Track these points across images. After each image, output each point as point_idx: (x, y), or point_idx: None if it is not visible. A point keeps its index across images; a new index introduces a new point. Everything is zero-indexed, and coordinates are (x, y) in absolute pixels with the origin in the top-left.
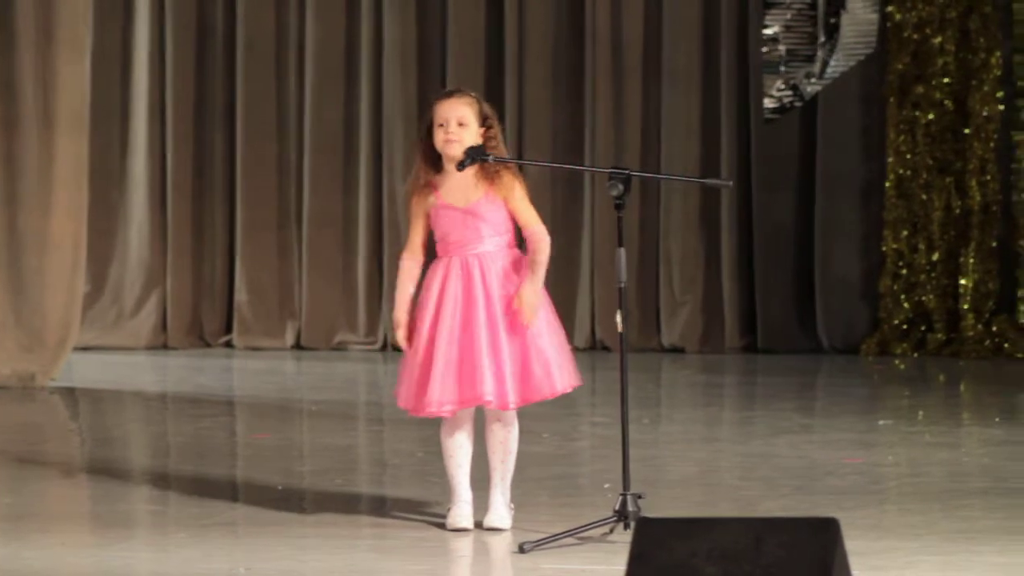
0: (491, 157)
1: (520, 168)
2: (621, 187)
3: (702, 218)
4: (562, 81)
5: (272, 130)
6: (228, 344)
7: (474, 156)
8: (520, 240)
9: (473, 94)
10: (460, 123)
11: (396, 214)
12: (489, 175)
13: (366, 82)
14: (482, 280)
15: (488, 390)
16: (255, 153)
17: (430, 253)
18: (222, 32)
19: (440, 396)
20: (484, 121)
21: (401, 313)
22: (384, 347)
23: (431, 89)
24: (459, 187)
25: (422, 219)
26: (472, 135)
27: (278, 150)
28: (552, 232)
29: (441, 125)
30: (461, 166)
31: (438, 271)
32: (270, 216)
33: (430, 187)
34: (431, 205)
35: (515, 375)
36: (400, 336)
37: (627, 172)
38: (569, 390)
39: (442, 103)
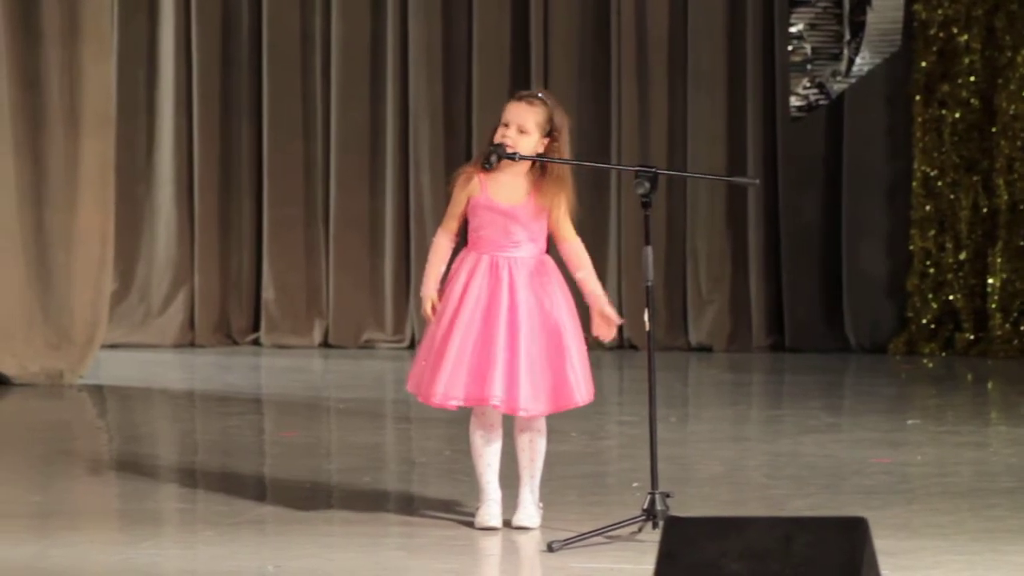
0: (516, 156)
1: (572, 187)
2: (648, 185)
3: (729, 217)
4: (587, 79)
5: (298, 128)
6: (255, 342)
7: (500, 154)
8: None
9: (549, 102)
10: (520, 130)
11: (422, 212)
12: (543, 185)
13: (392, 80)
14: (509, 283)
15: (496, 394)
16: (282, 151)
17: (463, 237)
18: (247, 29)
19: (447, 389)
20: (551, 131)
21: (431, 289)
22: (412, 345)
23: (457, 88)
24: (508, 185)
25: (463, 203)
26: (530, 143)
27: (304, 148)
28: (578, 231)
29: (505, 125)
30: (487, 164)
31: (466, 264)
32: (297, 214)
33: (480, 177)
34: (473, 194)
35: (535, 382)
36: (427, 309)
37: (654, 170)
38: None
39: (513, 104)
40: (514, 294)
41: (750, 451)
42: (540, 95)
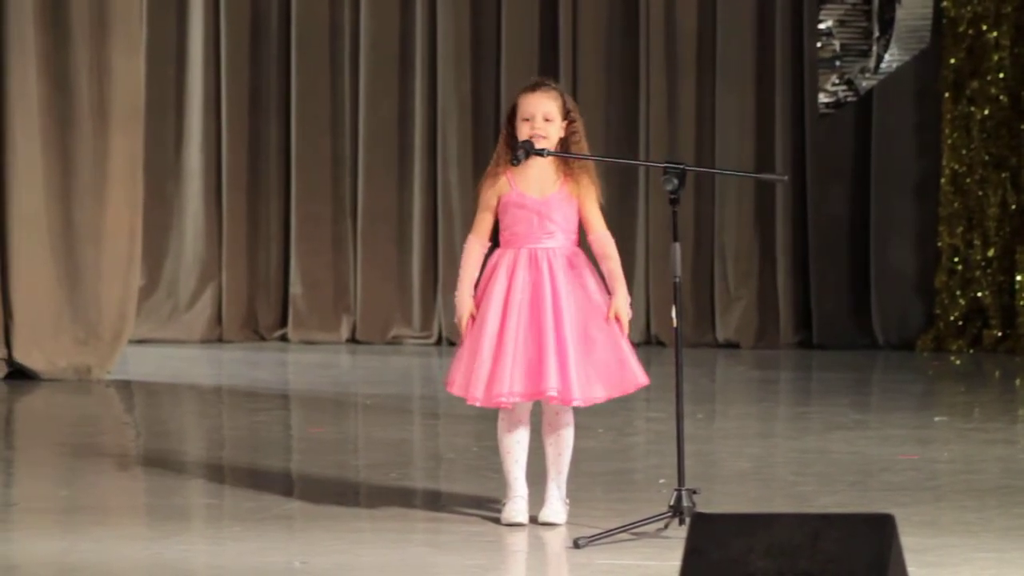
0: (544, 152)
1: (595, 170)
2: (676, 181)
3: (757, 213)
4: (616, 74)
5: (326, 124)
6: (283, 338)
7: (528, 150)
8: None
9: (556, 87)
10: (546, 119)
11: (451, 208)
12: (570, 171)
13: (420, 76)
14: (550, 275)
15: (552, 385)
16: (310, 147)
17: (494, 240)
18: (276, 25)
19: (510, 387)
20: (567, 115)
21: (466, 296)
22: (439, 341)
23: (485, 82)
24: (536, 178)
25: (494, 205)
26: (557, 129)
27: (332, 144)
28: (607, 226)
29: (527, 119)
30: (516, 160)
31: (504, 261)
32: (325, 210)
33: (508, 175)
34: (503, 192)
35: (588, 369)
36: (464, 318)
37: (682, 166)
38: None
39: (528, 97)
40: (555, 283)
41: (777, 448)
42: (547, 82)
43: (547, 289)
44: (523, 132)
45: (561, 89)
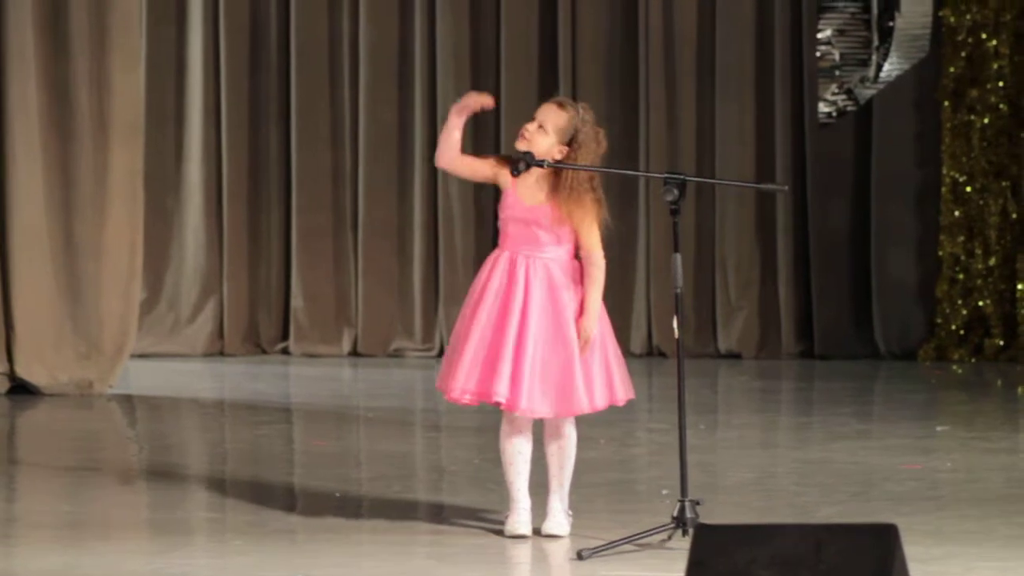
0: (545, 163)
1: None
2: (676, 192)
3: (758, 223)
4: (615, 85)
5: (327, 135)
6: (284, 351)
7: (528, 161)
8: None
9: (580, 112)
10: (540, 126)
11: (451, 219)
12: (561, 190)
13: (420, 85)
14: (525, 282)
15: (500, 391)
16: (310, 159)
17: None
18: (276, 36)
19: (464, 384)
20: (571, 142)
21: (464, 118)
22: (441, 353)
23: (486, 90)
24: (531, 186)
25: (489, 166)
26: (545, 144)
27: (332, 156)
28: (607, 237)
29: (532, 119)
30: (516, 171)
31: (489, 261)
32: (325, 222)
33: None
34: (505, 185)
35: (542, 383)
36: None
37: (682, 177)
38: (621, 404)
39: (546, 104)
40: (528, 294)
41: (780, 458)
42: (578, 104)
43: (518, 297)
44: (521, 128)
45: (583, 119)
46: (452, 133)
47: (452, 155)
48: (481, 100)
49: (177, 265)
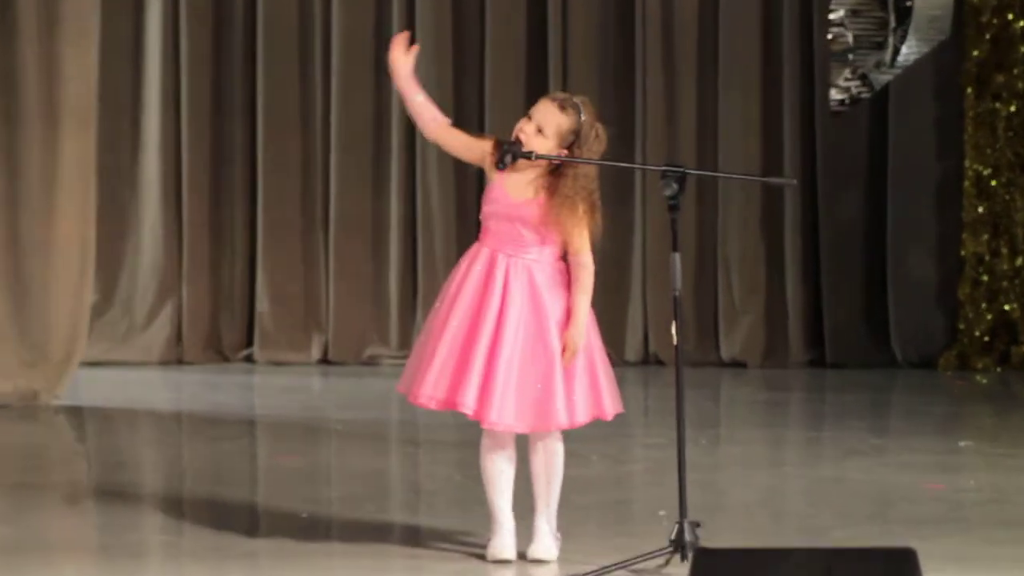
0: (533, 155)
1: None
2: (675, 186)
3: (764, 220)
4: (609, 70)
5: (296, 125)
6: (248, 358)
7: (515, 153)
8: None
9: (583, 113)
10: (539, 129)
11: (431, 216)
12: (550, 197)
13: None
14: (504, 285)
15: (467, 402)
16: (277, 150)
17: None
18: (241, 19)
19: (432, 390)
20: (572, 146)
21: (411, 62)
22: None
23: (468, 79)
24: (518, 180)
25: (477, 147)
26: (544, 149)
27: (302, 147)
28: (599, 237)
29: (528, 117)
30: (502, 164)
31: (467, 257)
32: (294, 219)
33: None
34: (492, 175)
35: (516, 394)
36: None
37: (682, 170)
38: (608, 418)
39: (544, 102)
40: (507, 296)
41: (788, 476)
42: (577, 102)
43: (495, 299)
44: (518, 127)
45: (586, 120)
46: (412, 102)
47: (434, 126)
48: (400, 54)
49: (132, 265)
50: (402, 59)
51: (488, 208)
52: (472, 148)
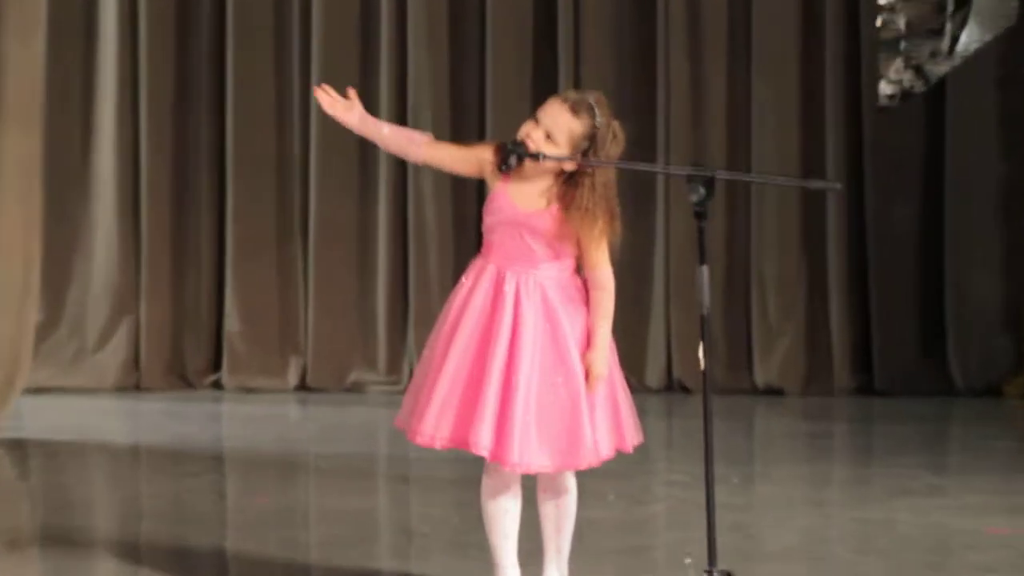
0: (541, 156)
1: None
2: (703, 191)
3: (803, 230)
4: (627, 60)
5: (270, 120)
6: (216, 385)
7: (520, 154)
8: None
9: (598, 116)
10: (548, 136)
11: (423, 224)
12: (566, 207)
13: (387, 62)
14: (515, 306)
15: (481, 441)
16: (250, 149)
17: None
18: (209, 1)
19: (435, 428)
20: (588, 151)
21: (356, 104)
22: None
23: (466, 69)
24: (527, 190)
25: (473, 159)
26: (554, 152)
27: (278, 145)
28: (617, 247)
29: (535, 120)
30: (505, 166)
31: (470, 273)
32: (268, 227)
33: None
34: (492, 181)
35: (538, 430)
36: (325, 96)
37: (710, 173)
38: (629, 450)
39: (554, 103)
40: (519, 318)
41: (832, 519)
42: (591, 102)
43: (506, 322)
44: (522, 130)
45: (602, 122)
46: (382, 139)
47: (416, 148)
48: (340, 110)
49: (83, 279)
50: (344, 112)
51: (491, 219)
52: (468, 158)
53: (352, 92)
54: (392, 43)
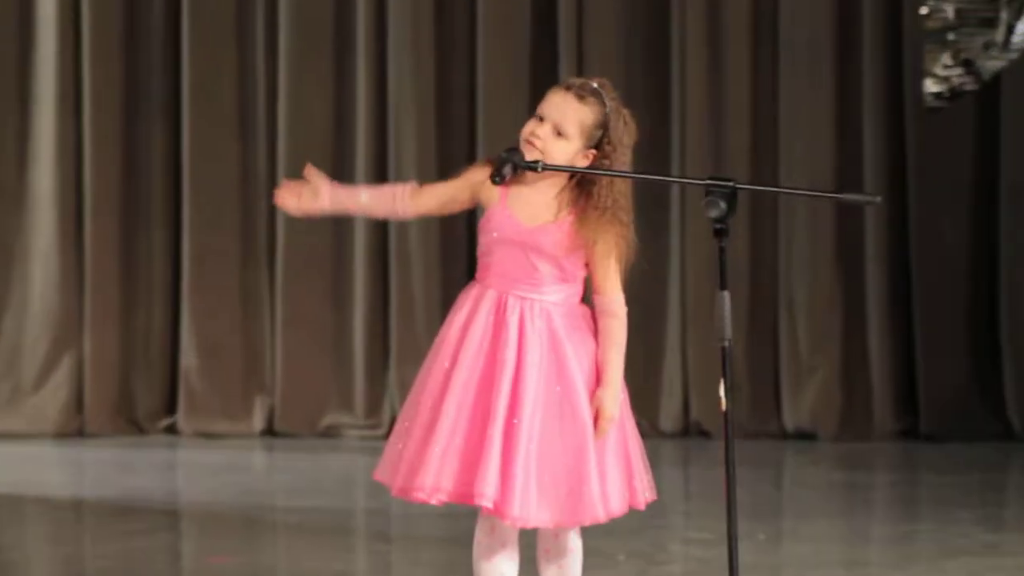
0: (540, 165)
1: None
2: (724, 205)
3: (838, 249)
4: (637, 54)
5: (232, 126)
6: (171, 429)
7: (517, 163)
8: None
9: (608, 100)
10: (558, 131)
11: (407, 246)
12: (583, 210)
13: (364, 58)
14: (519, 338)
15: (488, 492)
16: (209, 162)
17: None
18: None
19: (436, 482)
20: (601, 142)
21: (322, 184)
22: (391, 433)
23: (455, 67)
24: (530, 199)
25: (463, 190)
26: (567, 152)
27: (241, 155)
28: (627, 272)
29: (538, 118)
30: (498, 177)
31: (467, 301)
32: (230, 248)
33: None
34: (489, 201)
35: (540, 481)
36: (286, 196)
37: (732, 184)
38: (641, 507)
39: (557, 94)
40: (523, 351)
41: None
42: (597, 86)
43: (510, 356)
44: (524, 129)
45: (612, 107)
46: (362, 207)
47: (402, 203)
48: (306, 199)
49: (18, 308)
50: (312, 202)
51: (489, 239)
52: (460, 190)
53: (311, 171)
54: (369, 39)
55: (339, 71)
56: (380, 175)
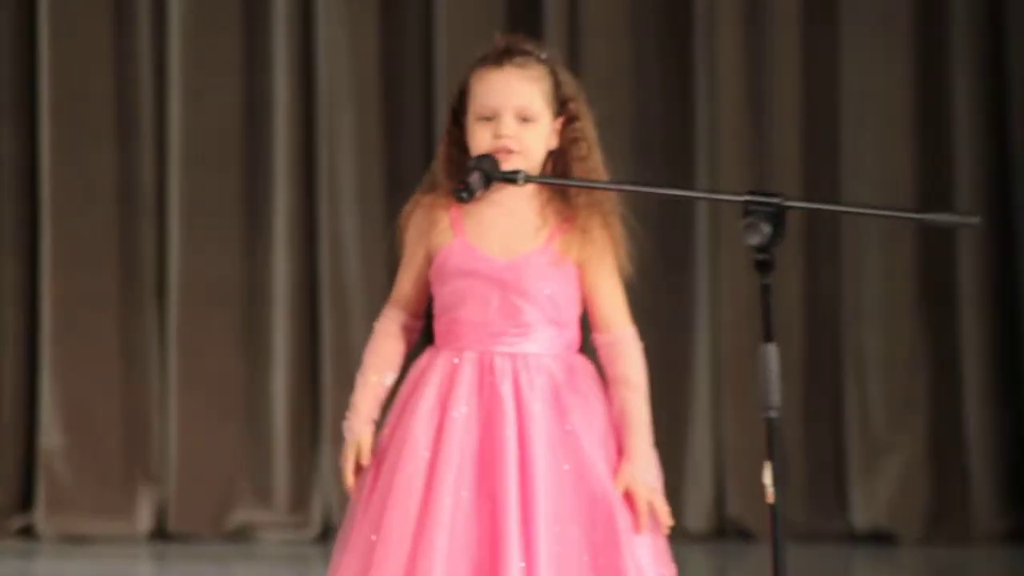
0: (521, 176)
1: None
2: (768, 229)
3: (923, 286)
4: (650, 38)
5: (108, 129)
6: (27, 531)
7: (490, 174)
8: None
9: (542, 57)
10: (523, 117)
11: (342, 281)
12: (570, 214)
13: (283, 37)
14: (517, 409)
15: None
16: (77, 173)
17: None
18: None
19: None
20: (563, 107)
21: (361, 424)
22: (325, 535)
23: (404, 46)
24: (499, 225)
25: (420, 256)
26: (542, 136)
27: (119, 165)
28: (636, 314)
29: (488, 118)
30: (464, 194)
31: (435, 374)
32: (107, 287)
33: (447, 209)
34: (441, 242)
35: None
36: (348, 471)
37: (777, 202)
38: None
39: (488, 77)
40: (524, 423)
41: None
42: (525, 48)
43: (510, 435)
44: (479, 140)
45: (552, 61)
46: (384, 389)
47: (407, 335)
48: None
49: None
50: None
51: (450, 288)
52: (415, 254)
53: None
54: (292, 11)
55: (250, 50)
56: (306, 189)
